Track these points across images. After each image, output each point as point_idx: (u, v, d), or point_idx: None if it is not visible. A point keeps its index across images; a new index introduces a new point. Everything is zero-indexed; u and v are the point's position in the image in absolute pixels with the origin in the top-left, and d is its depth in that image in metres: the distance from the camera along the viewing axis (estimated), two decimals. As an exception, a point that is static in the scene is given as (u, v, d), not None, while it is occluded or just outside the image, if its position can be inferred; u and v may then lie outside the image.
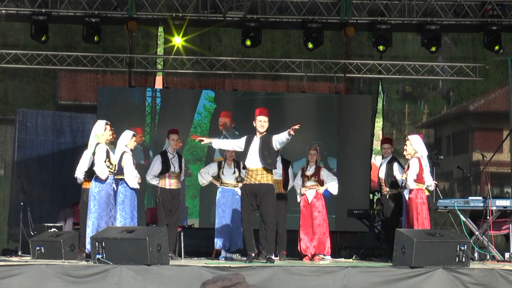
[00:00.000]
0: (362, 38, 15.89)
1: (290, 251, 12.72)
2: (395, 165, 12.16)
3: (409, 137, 11.35)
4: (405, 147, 11.29)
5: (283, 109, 15.50)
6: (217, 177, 12.69)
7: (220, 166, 12.69)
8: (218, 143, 11.22)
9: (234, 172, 12.58)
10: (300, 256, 12.47)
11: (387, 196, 12.21)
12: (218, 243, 12.53)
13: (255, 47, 15.19)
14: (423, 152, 11.09)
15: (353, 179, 15.12)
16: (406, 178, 11.17)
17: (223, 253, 12.55)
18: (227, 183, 12.62)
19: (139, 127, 12.06)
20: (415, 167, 11.03)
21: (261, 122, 10.77)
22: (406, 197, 11.17)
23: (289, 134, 10.46)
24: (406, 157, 11.33)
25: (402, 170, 11.89)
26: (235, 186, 12.57)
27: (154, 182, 12.36)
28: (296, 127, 10.38)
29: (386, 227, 12.37)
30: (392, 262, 10.13)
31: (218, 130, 15.40)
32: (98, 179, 10.65)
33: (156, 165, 12.28)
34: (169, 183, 12.24)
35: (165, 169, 12.23)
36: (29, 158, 15.36)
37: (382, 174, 12.28)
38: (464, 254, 9.66)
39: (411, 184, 11.03)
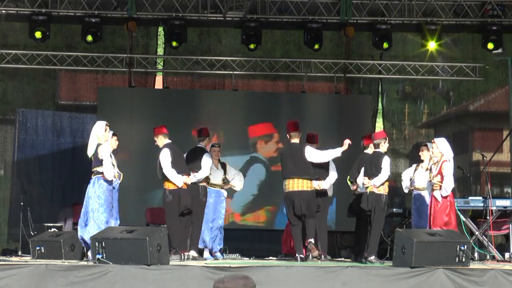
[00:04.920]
0: (362, 38, 15.88)
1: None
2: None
3: (436, 139, 11.10)
4: (431, 150, 11.15)
5: (282, 109, 15.49)
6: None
7: None
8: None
9: (224, 173, 12.47)
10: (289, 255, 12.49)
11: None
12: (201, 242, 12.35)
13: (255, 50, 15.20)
14: (449, 155, 10.91)
15: (353, 179, 15.09)
16: (438, 181, 10.85)
17: (205, 254, 12.31)
18: (214, 184, 12.37)
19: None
20: (450, 171, 10.81)
21: None
22: (439, 198, 10.85)
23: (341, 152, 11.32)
24: (432, 160, 11.15)
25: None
26: (222, 187, 12.46)
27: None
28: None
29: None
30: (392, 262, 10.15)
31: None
32: (104, 180, 10.49)
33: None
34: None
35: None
36: (29, 158, 15.34)
37: None
38: (464, 254, 9.66)
39: (449, 189, 10.82)
